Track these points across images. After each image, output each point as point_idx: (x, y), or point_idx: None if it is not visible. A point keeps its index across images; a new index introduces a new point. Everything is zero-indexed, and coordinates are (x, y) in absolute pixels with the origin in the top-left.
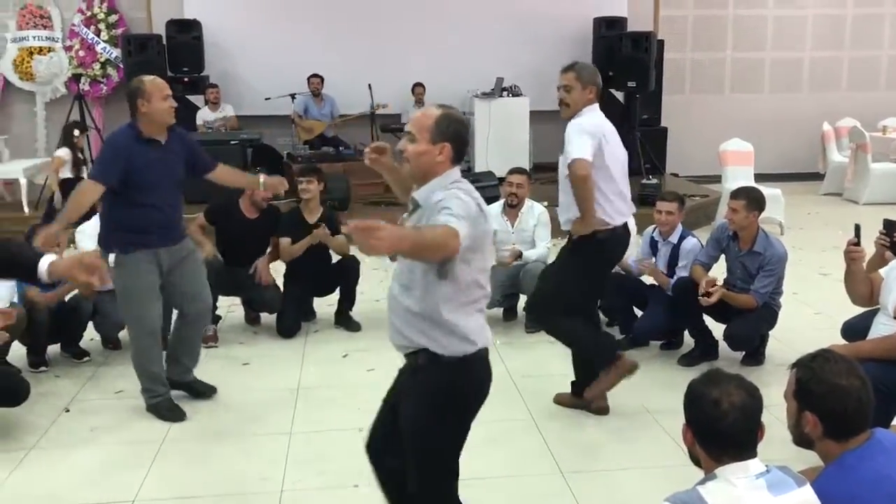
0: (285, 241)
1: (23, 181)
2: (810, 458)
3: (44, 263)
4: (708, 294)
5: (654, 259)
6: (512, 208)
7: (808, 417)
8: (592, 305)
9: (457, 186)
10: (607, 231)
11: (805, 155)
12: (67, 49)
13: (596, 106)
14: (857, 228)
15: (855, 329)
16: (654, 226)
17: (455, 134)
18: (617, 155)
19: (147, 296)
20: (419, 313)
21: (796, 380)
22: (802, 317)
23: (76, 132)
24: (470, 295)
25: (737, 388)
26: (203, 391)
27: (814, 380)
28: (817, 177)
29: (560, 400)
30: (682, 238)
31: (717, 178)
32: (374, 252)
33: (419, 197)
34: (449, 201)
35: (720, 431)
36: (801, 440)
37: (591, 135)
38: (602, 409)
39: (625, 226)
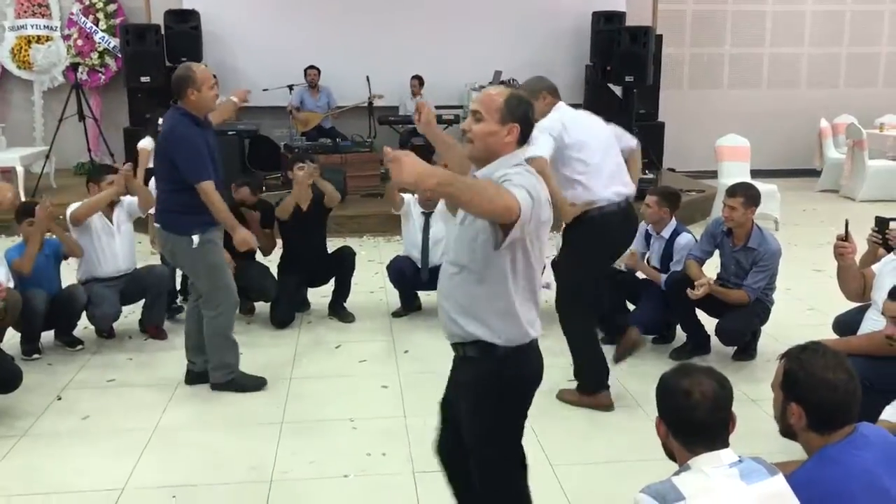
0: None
1: (20, 169)
2: (796, 451)
3: None
4: (697, 286)
5: (644, 252)
6: None
7: (793, 408)
8: (601, 286)
9: (523, 167)
10: (595, 209)
11: (802, 151)
12: (66, 38)
13: (559, 105)
14: (846, 224)
15: (846, 324)
16: None
17: (524, 115)
18: (587, 139)
19: (227, 267)
20: (478, 296)
21: (784, 371)
22: (795, 312)
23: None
24: (529, 283)
25: (707, 379)
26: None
27: (801, 371)
28: (814, 173)
29: (564, 397)
30: (675, 234)
31: (714, 174)
32: (396, 178)
33: (480, 175)
34: (513, 176)
35: (692, 422)
36: (786, 431)
37: (549, 131)
38: (605, 405)
39: (622, 202)
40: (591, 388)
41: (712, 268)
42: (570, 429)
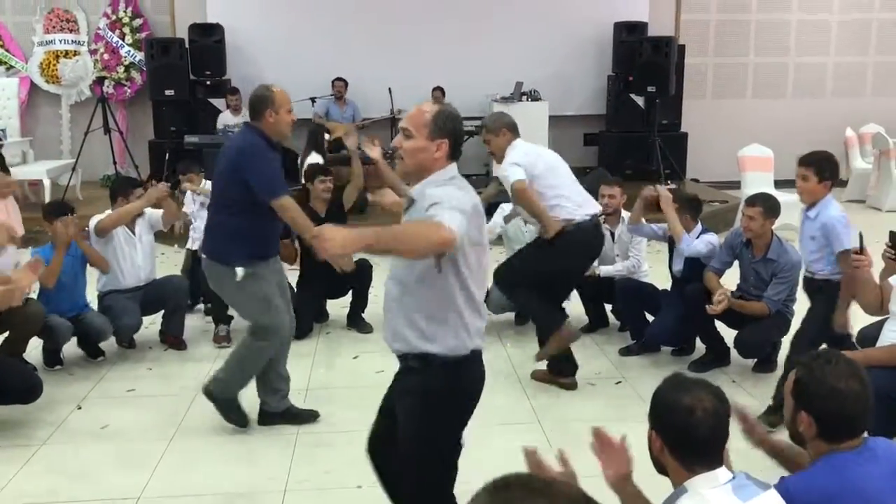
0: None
1: (46, 182)
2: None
3: None
4: (716, 302)
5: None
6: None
7: (802, 417)
8: (563, 293)
9: (453, 183)
10: (572, 225)
11: None
12: (92, 52)
13: (516, 142)
14: (861, 237)
15: (870, 337)
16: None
17: (452, 130)
18: (552, 168)
19: (279, 301)
20: (423, 312)
21: (795, 378)
22: None
23: (326, 135)
24: (471, 298)
25: (707, 395)
26: (305, 417)
27: (812, 380)
28: (840, 183)
29: (536, 376)
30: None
31: (738, 184)
32: (329, 254)
33: (414, 193)
34: (441, 196)
35: (695, 440)
36: (796, 438)
37: (518, 163)
38: (570, 386)
39: (593, 219)
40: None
41: (733, 278)
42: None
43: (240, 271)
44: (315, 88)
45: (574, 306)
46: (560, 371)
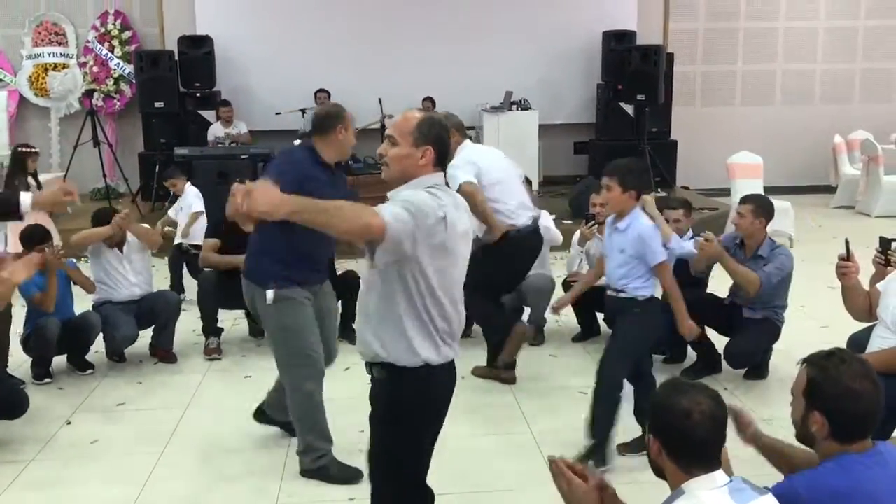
0: None
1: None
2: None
3: (26, 197)
4: (708, 241)
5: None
6: None
7: (815, 417)
8: (501, 292)
9: (430, 190)
10: (515, 230)
11: (816, 167)
12: (82, 65)
13: (466, 143)
14: (847, 244)
15: (861, 342)
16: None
17: (437, 137)
18: (499, 170)
19: (313, 331)
20: (376, 314)
21: (808, 378)
22: (809, 330)
23: None
24: (426, 310)
25: (705, 397)
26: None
27: (827, 380)
28: (829, 189)
29: (477, 372)
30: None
31: (728, 191)
32: (252, 210)
33: (390, 195)
34: (404, 193)
35: (693, 443)
36: (805, 438)
37: (465, 165)
38: (509, 380)
39: (533, 223)
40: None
41: (724, 284)
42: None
43: (269, 295)
44: (305, 99)
45: (566, 316)
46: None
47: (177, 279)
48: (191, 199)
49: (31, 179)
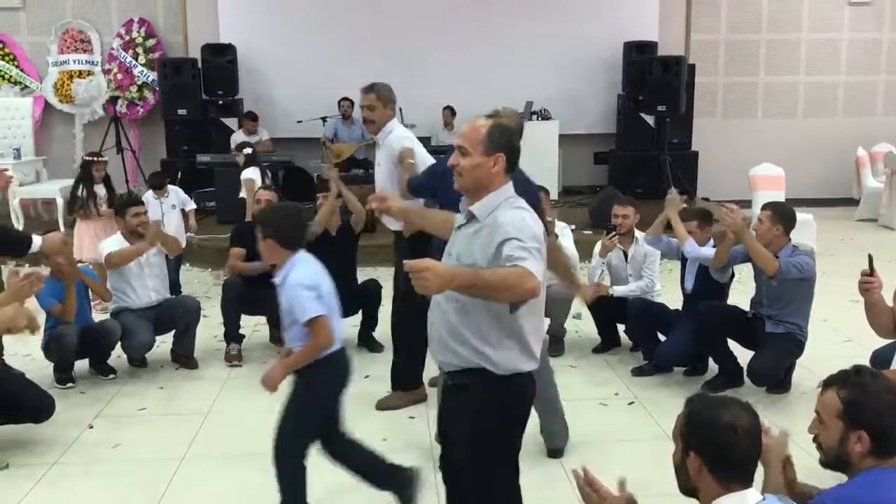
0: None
1: (59, 201)
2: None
3: (37, 239)
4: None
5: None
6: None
7: (860, 436)
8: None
9: (514, 205)
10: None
11: (839, 180)
12: (106, 72)
13: (397, 122)
14: (870, 259)
15: (884, 358)
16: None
17: (508, 144)
18: (379, 177)
19: None
20: (484, 333)
21: (845, 399)
22: (831, 344)
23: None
24: (539, 309)
25: (743, 411)
26: None
27: (866, 398)
28: (852, 202)
29: (384, 406)
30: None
31: (749, 203)
32: (423, 291)
33: (477, 211)
34: (516, 227)
35: (736, 457)
36: (838, 460)
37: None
38: (420, 398)
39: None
40: (410, 385)
41: (747, 295)
42: (600, 464)
43: None
44: (325, 108)
45: (586, 326)
46: (407, 386)
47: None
48: (183, 197)
49: (99, 189)
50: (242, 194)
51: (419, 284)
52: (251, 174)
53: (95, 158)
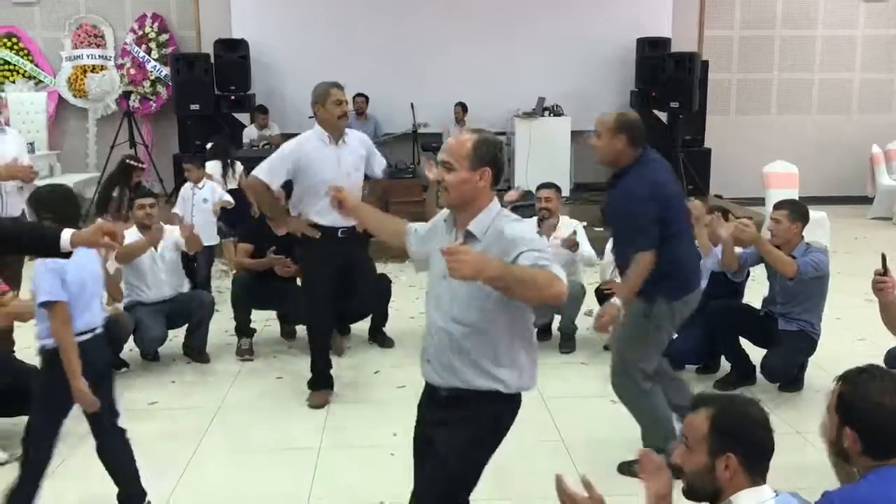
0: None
1: None
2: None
3: (65, 234)
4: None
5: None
6: (544, 222)
7: (847, 433)
8: (330, 300)
9: (511, 218)
10: (316, 228)
11: (853, 178)
12: (119, 67)
13: (306, 134)
14: (883, 258)
15: None
16: None
17: (493, 158)
18: (326, 175)
19: None
20: (498, 356)
21: (839, 394)
22: (845, 343)
23: None
24: (529, 320)
25: (758, 406)
26: None
27: (856, 395)
28: (865, 200)
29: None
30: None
31: (762, 201)
32: (457, 275)
33: (476, 230)
34: (528, 238)
35: (768, 451)
36: (840, 454)
37: (285, 157)
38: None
39: (334, 230)
40: (321, 383)
41: (759, 293)
42: (610, 458)
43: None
44: None
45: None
46: (321, 385)
47: (189, 274)
48: (219, 193)
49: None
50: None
51: (454, 267)
52: (213, 168)
53: (139, 165)
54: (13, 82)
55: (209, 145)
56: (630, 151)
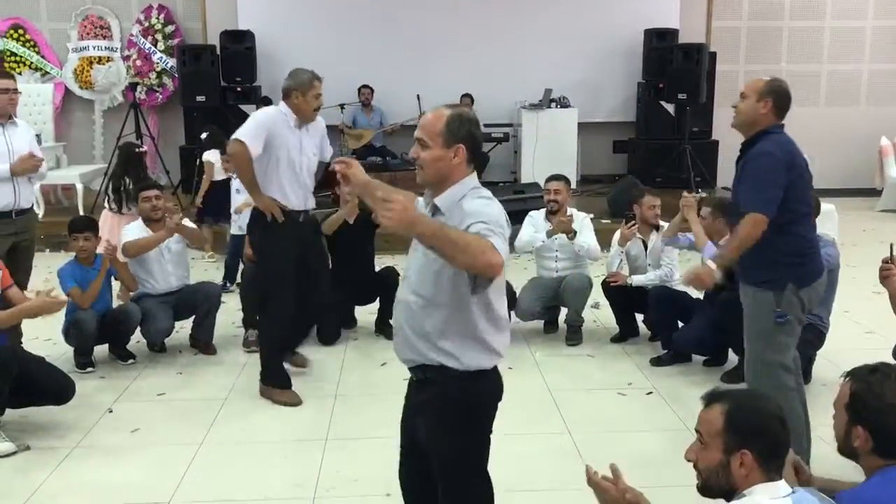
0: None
1: (79, 187)
2: (854, 478)
3: None
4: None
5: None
6: (553, 215)
7: (858, 431)
8: (292, 290)
9: (478, 195)
10: (283, 211)
11: (862, 170)
12: (125, 59)
13: (274, 108)
14: (892, 248)
15: None
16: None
17: (468, 134)
18: (291, 154)
19: None
20: (446, 330)
21: (851, 392)
22: (853, 336)
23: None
24: (500, 307)
25: (773, 402)
26: None
27: (869, 395)
28: (874, 193)
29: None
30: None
31: None
32: (385, 222)
33: (441, 204)
34: (482, 212)
35: (783, 447)
36: (848, 452)
37: (261, 124)
38: (292, 401)
39: (297, 214)
40: (276, 383)
41: None
42: (618, 450)
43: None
44: (344, 95)
45: (605, 316)
46: (277, 384)
47: (234, 268)
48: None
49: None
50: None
51: (383, 213)
52: (211, 157)
53: (140, 148)
54: (20, 74)
55: (203, 135)
56: (770, 118)
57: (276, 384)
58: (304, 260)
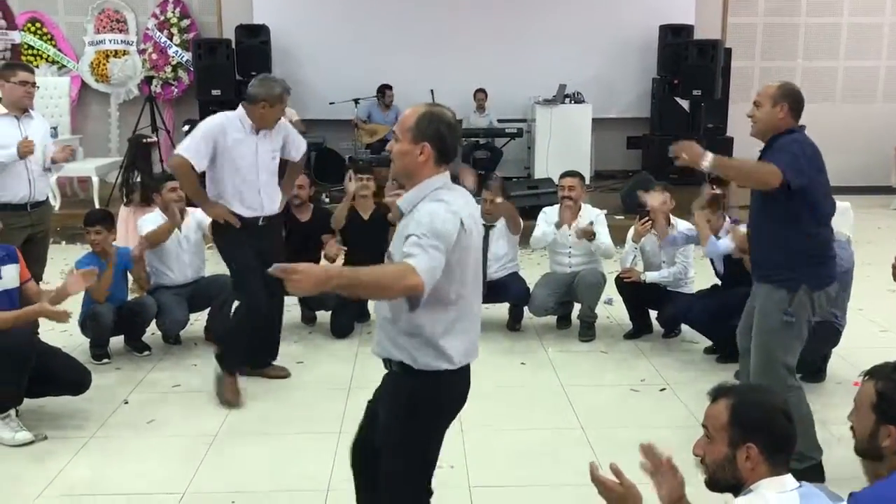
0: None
1: (95, 179)
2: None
3: None
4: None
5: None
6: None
7: (889, 430)
8: (259, 280)
9: (435, 197)
10: (237, 217)
11: (878, 167)
12: (141, 52)
13: (222, 115)
14: None
15: None
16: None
17: (435, 133)
18: (245, 160)
19: None
20: (402, 328)
21: (878, 392)
22: (868, 334)
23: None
24: (455, 311)
25: (777, 395)
26: None
27: None
28: (889, 190)
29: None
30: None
31: None
32: (298, 291)
33: (402, 205)
34: (422, 222)
35: (791, 439)
36: (873, 452)
37: (206, 135)
38: (230, 403)
39: (255, 220)
40: (234, 367)
41: None
42: (631, 445)
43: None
44: (359, 90)
45: (618, 312)
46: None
47: None
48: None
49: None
50: None
51: (291, 286)
52: None
53: (149, 139)
54: (37, 67)
55: (185, 129)
56: (788, 121)
57: (232, 371)
58: (263, 262)
